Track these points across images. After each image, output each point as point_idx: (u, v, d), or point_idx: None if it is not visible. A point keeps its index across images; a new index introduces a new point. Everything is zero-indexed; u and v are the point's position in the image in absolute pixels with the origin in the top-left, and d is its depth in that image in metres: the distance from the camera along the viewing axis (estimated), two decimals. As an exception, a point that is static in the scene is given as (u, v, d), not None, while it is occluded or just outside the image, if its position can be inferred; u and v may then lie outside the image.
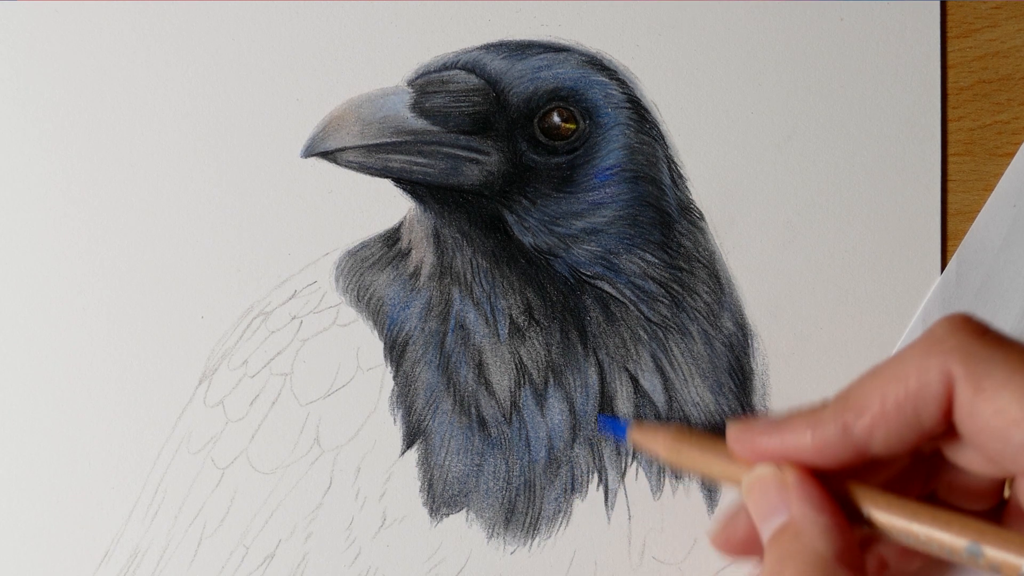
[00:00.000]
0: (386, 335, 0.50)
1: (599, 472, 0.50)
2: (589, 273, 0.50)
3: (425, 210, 0.50)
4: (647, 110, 0.51)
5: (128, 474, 0.50)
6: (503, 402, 0.50)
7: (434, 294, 0.50)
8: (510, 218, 0.50)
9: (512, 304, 0.50)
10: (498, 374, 0.50)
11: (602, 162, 0.50)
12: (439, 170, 0.49)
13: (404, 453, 0.50)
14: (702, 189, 0.51)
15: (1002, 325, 0.50)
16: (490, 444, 0.50)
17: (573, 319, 0.50)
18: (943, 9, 0.52)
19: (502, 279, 0.50)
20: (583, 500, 0.50)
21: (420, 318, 0.50)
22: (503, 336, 0.50)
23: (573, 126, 0.50)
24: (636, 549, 0.50)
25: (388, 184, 0.50)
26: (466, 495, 0.50)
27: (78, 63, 0.51)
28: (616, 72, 0.51)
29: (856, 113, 0.51)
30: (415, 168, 0.49)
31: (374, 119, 0.49)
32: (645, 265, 0.50)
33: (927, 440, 0.40)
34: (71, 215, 0.51)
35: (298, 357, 0.50)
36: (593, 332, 0.50)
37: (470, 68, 0.50)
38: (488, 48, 0.50)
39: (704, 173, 0.51)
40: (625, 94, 0.51)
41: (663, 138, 0.51)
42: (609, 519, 0.50)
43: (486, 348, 0.50)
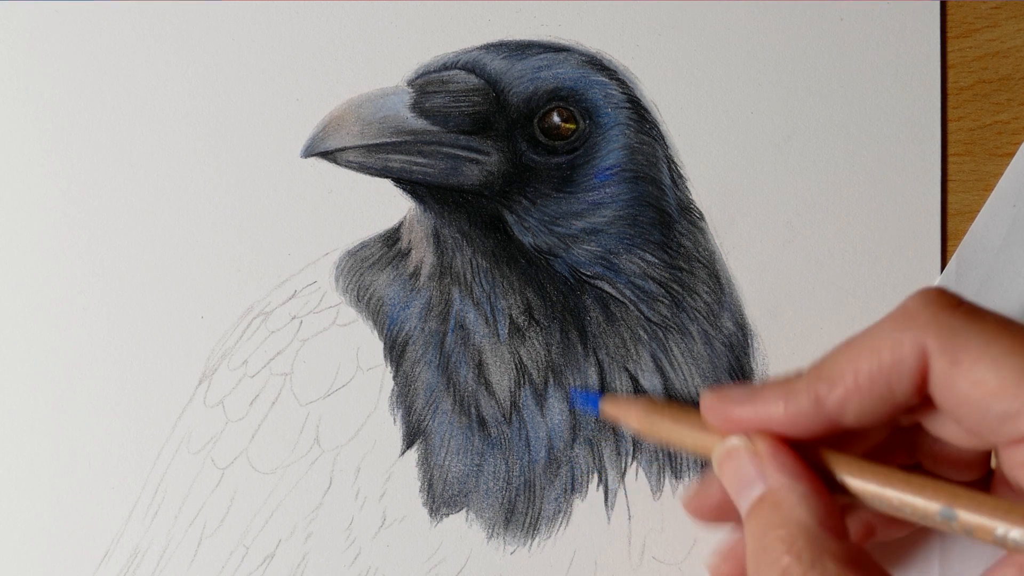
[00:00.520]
0: (386, 335, 0.50)
1: (599, 472, 0.50)
2: (589, 273, 0.50)
3: (425, 210, 0.50)
4: (647, 110, 0.51)
5: (128, 474, 0.50)
6: (503, 402, 0.50)
7: (434, 294, 0.50)
8: (510, 218, 0.50)
9: (512, 304, 0.50)
10: (498, 374, 0.50)
11: (602, 162, 0.50)
12: (439, 170, 0.49)
13: (404, 453, 0.50)
14: (702, 189, 0.51)
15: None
16: (490, 444, 0.50)
17: (573, 319, 0.50)
18: (943, 9, 0.52)
19: (502, 279, 0.50)
20: (583, 500, 0.50)
21: (420, 318, 0.50)
22: (503, 336, 0.50)
23: (573, 126, 0.50)
24: (636, 549, 0.50)
25: (388, 184, 0.50)
26: (466, 495, 0.50)
27: (78, 63, 0.51)
28: (616, 72, 0.51)
29: (856, 113, 0.51)
30: (415, 168, 0.49)
31: (374, 119, 0.49)
32: (645, 265, 0.50)
33: (901, 413, 0.40)
34: (71, 215, 0.51)
35: (298, 357, 0.50)
36: (593, 332, 0.50)
37: (470, 68, 0.50)
38: (488, 48, 0.50)
39: (704, 173, 0.51)
40: (625, 94, 0.51)
41: (663, 138, 0.51)
42: (609, 519, 0.50)
43: (486, 348, 0.50)
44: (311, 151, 0.49)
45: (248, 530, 0.50)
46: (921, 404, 0.40)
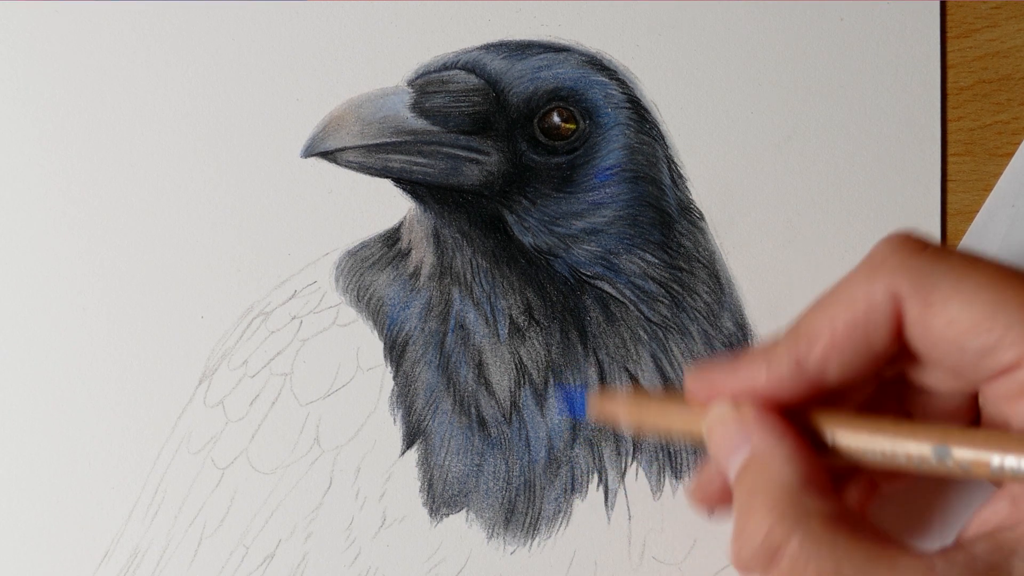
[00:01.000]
0: (386, 335, 0.50)
1: (599, 472, 0.50)
2: (589, 273, 0.50)
3: (425, 210, 0.50)
4: (647, 110, 0.51)
5: (128, 474, 0.50)
6: (503, 402, 0.50)
7: (434, 294, 0.50)
8: (510, 218, 0.50)
9: (512, 304, 0.50)
10: (498, 374, 0.50)
11: (602, 162, 0.50)
12: (439, 170, 0.49)
13: (404, 453, 0.50)
14: (702, 189, 0.51)
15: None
16: (490, 444, 0.50)
17: (573, 319, 0.50)
18: (943, 9, 0.52)
19: (502, 279, 0.50)
20: (583, 500, 0.50)
21: (420, 318, 0.50)
22: (503, 336, 0.50)
23: (573, 126, 0.50)
24: (636, 549, 0.50)
25: (388, 184, 0.50)
26: (466, 495, 0.50)
27: (78, 63, 0.51)
28: (616, 72, 0.51)
29: (856, 113, 0.51)
30: (415, 168, 0.49)
31: (374, 119, 0.49)
32: (645, 265, 0.50)
33: (882, 363, 0.40)
34: (71, 215, 0.51)
35: (298, 357, 0.50)
36: (593, 332, 0.50)
37: (470, 68, 0.50)
38: (488, 48, 0.50)
39: (704, 173, 0.51)
40: (625, 94, 0.51)
41: (663, 138, 0.51)
42: (609, 519, 0.50)
43: (486, 348, 0.50)
44: (311, 151, 0.49)
45: (248, 530, 0.50)
46: (901, 353, 0.39)
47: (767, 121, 0.51)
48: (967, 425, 0.42)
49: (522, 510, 0.50)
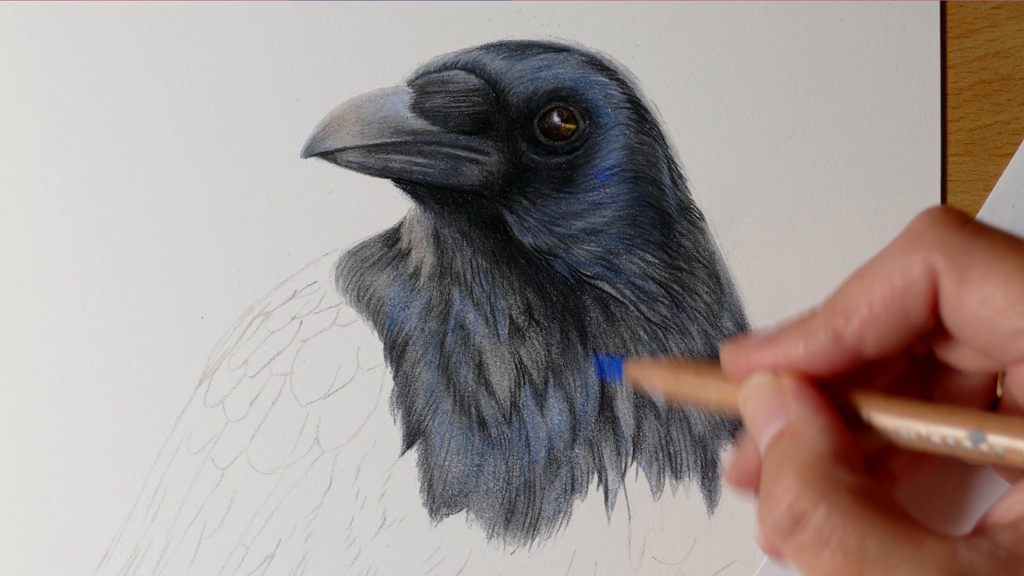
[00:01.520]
0: (386, 335, 0.50)
1: (599, 472, 0.50)
2: (589, 273, 0.50)
3: (425, 210, 0.50)
4: (647, 110, 0.51)
5: (128, 474, 0.50)
6: (503, 402, 0.50)
7: (434, 294, 0.50)
8: (510, 218, 0.50)
9: (512, 304, 0.50)
10: (498, 374, 0.50)
11: (602, 162, 0.50)
12: (439, 170, 0.49)
13: (404, 453, 0.50)
14: (702, 189, 0.51)
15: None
16: (490, 444, 0.50)
17: (573, 319, 0.50)
18: (943, 9, 0.52)
19: (502, 279, 0.50)
20: (583, 500, 0.50)
21: (420, 318, 0.50)
22: (503, 336, 0.50)
23: (573, 126, 0.50)
24: (636, 549, 0.50)
25: (388, 184, 0.50)
26: (466, 495, 0.50)
27: (78, 63, 0.51)
28: (616, 72, 0.51)
29: (856, 113, 0.51)
30: (415, 168, 0.49)
31: (374, 119, 0.49)
32: (645, 265, 0.50)
33: (917, 337, 0.40)
34: (71, 215, 0.51)
35: (298, 357, 0.50)
36: (593, 332, 0.50)
37: (470, 68, 0.50)
38: (488, 48, 0.50)
39: (704, 173, 0.51)
40: (625, 94, 0.51)
41: (663, 138, 0.51)
42: (609, 519, 0.50)
43: (486, 348, 0.50)
44: (311, 151, 0.49)
45: (248, 530, 0.50)
46: (934, 329, 0.39)
47: (767, 121, 0.51)
48: (986, 407, 0.42)
49: (522, 510, 0.50)
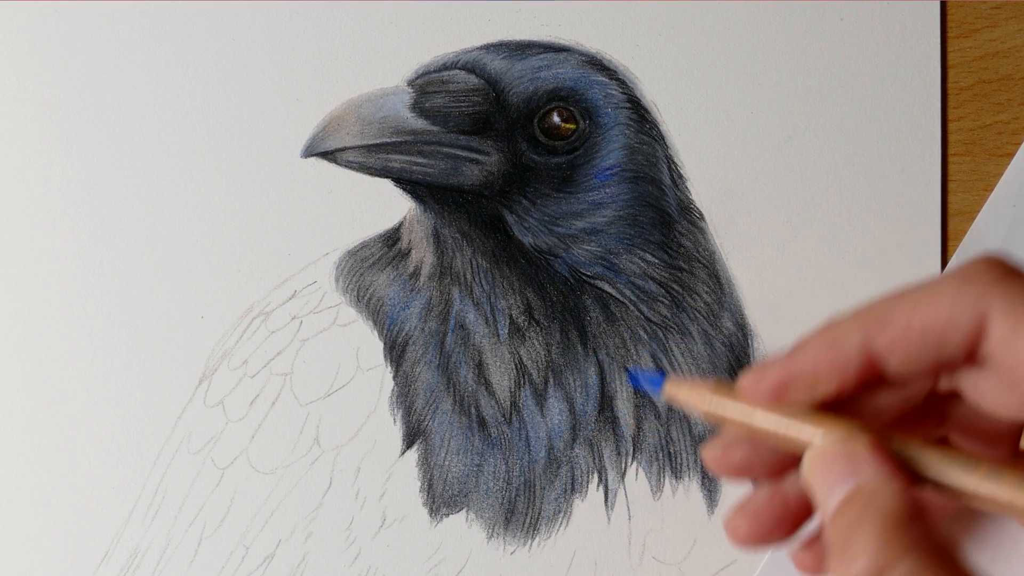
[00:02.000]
0: (386, 335, 0.50)
1: (599, 472, 0.50)
2: (589, 273, 0.50)
3: (425, 210, 0.50)
4: (647, 110, 0.51)
5: (128, 474, 0.50)
6: (503, 402, 0.50)
7: (434, 294, 0.50)
8: (510, 218, 0.50)
9: (512, 304, 0.50)
10: (498, 374, 0.50)
11: (602, 162, 0.50)
12: (439, 170, 0.49)
13: (404, 453, 0.50)
14: (702, 189, 0.51)
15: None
16: (490, 444, 0.50)
17: (573, 319, 0.50)
18: (943, 9, 0.52)
19: (502, 279, 0.50)
20: (583, 500, 0.50)
21: (420, 318, 0.50)
22: (503, 336, 0.50)
23: (573, 126, 0.50)
24: (636, 549, 0.50)
25: (388, 184, 0.50)
26: (466, 495, 0.50)
27: (78, 63, 0.51)
28: (616, 72, 0.51)
29: (856, 113, 0.51)
30: (415, 168, 0.49)
31: (374, 119, 0.49)
32: (645, 265, 0.50)
33: (942, 370, 0.40)
34: (71, 215, 0.51)
35: (298, 357, 0.50)
36: (593, 332, 0.50)
37: (470, 68, 0.50)
38: (488, 48, 0.50)
39: (704, 173, 0.51)
40: (625, 94, 0.51)
41: (663, 138, 0.51)
42: (609, 519, 0.50)
43: (486, 348, 0.50)
44: (311, 151, 0.49)
45: (248, 530, 0.50)
46: (964, 366, 0.40)
47: (767, 121, 0.51)
48: (1002, 456, 0.42)
49: (522, 510, 0.50)
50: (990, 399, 0.41)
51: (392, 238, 0.51)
